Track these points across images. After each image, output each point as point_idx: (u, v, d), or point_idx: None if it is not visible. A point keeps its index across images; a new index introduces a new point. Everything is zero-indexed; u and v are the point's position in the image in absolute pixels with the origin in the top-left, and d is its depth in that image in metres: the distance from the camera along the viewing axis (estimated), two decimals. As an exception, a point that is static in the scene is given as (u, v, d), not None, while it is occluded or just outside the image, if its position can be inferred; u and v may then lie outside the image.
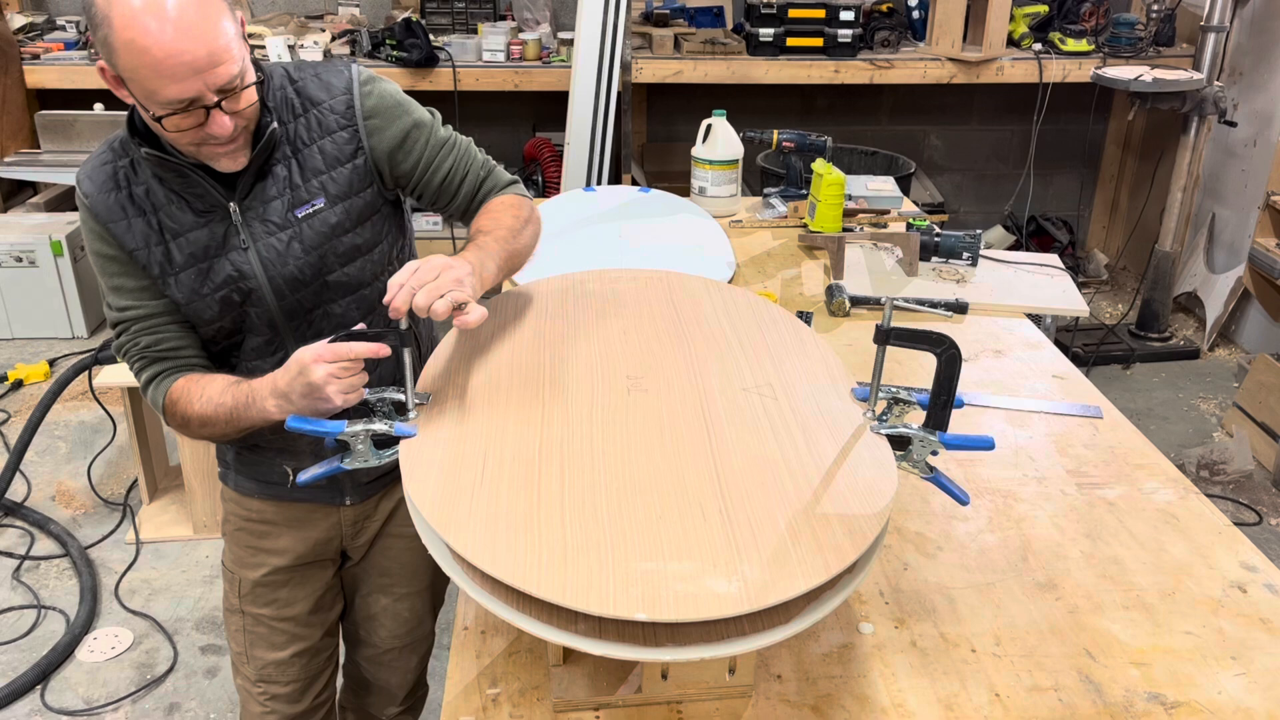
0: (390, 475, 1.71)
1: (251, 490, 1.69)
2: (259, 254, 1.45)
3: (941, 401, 1.28)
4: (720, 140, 2.88)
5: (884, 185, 3.01)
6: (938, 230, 2.54)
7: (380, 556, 1.79)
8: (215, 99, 1.29)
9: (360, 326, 1.35)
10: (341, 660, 1.96)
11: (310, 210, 1.47)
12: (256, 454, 1.65)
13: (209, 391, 1.44)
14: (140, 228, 1.42)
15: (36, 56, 4.56)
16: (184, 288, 1.45)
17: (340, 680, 1.98)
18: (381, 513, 1.76)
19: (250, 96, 1.35)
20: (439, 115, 1.61)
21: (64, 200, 4.86)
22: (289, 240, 1.46)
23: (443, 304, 1.26)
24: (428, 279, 1.28)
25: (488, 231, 1.50)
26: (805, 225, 2.76)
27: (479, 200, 1.61)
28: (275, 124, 1.43)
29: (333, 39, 4.48)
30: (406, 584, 1.82)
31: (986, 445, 1.28)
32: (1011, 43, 4.71)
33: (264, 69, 1.46)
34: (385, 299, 1.27)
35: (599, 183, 4.26)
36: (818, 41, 4.52)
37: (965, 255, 2.51)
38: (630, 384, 1.38)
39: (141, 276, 1.45)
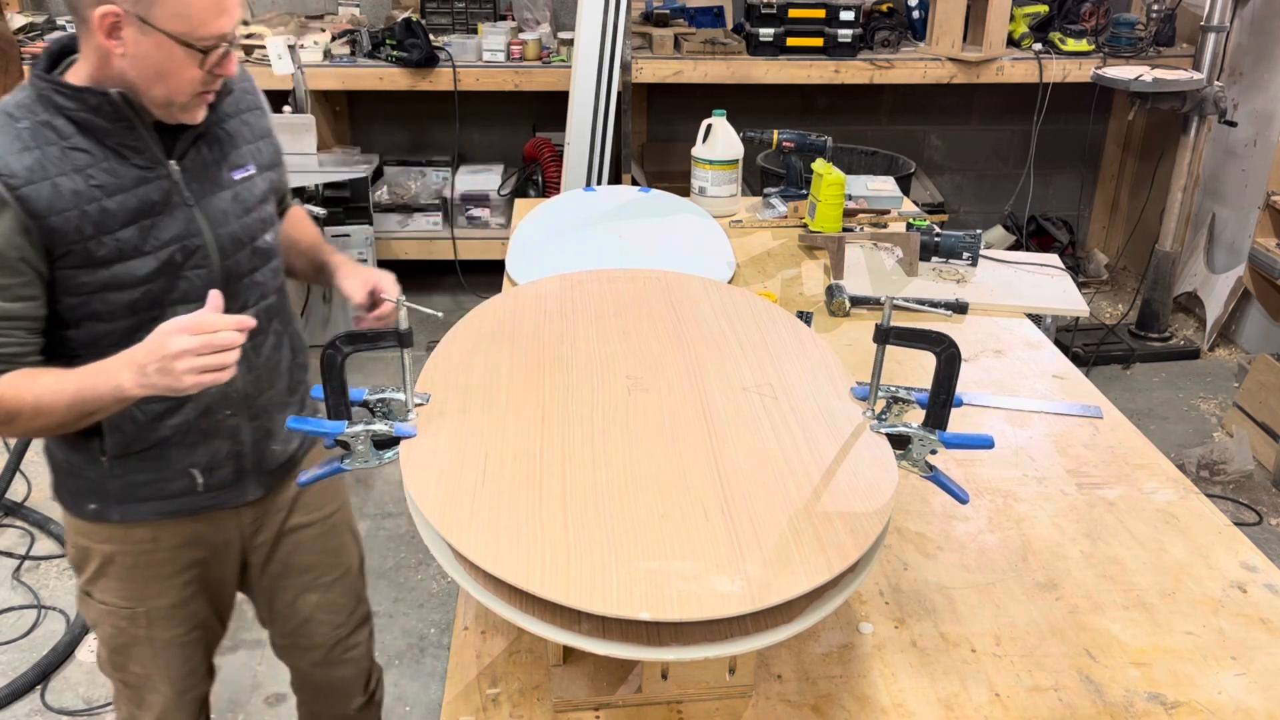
0: (289, 461, 1.68)
1: (145, 514, 1.57)
2: (204, 212, 1.48)
3: (941, 400, 1.29)
4: (720, 140, 2.88)
5: (884, 185, 3.01)
6: (938, 230, 2.54)
7: (298, 554, 1.75)
8: (231, 41, 1.39)
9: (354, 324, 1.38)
10: (290, 676, 1.93)
11: (245, 174, 1.55)
12: (154, 465, 1.54)
13: (45, 378, 1.36)
14: (68, 186, 1.35)
15: (37, 56, 4.56)
16: (123, 244, 1.40)
17: (295, 699, 1.96)
18: (282, 504, 1.71)
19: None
20: None
21: (64, 200, 4.85)
22: (230, 200, 1.52)
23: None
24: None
25: (320, 238, 1.80)
26: (805, 225, 2.76)
27: (281, 209, 1.76)
28: (230, 89, 1.53)
29: (333, 39, 4.48)
30: (334, 569, 1.78)
31: (986, 444, 1.29)
32: (1011, 43, 4.70)
33: None
34: (379, 312, 1.62)
35: (599, 183, 4.26)
36: (818, 41, 4.52)
37: (965, 255, 2.51)
38: (630, 384, 1.38)
39: (10, 275, 1.36)
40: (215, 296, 1.34)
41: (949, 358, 1.26)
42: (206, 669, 1.78)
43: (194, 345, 1.28)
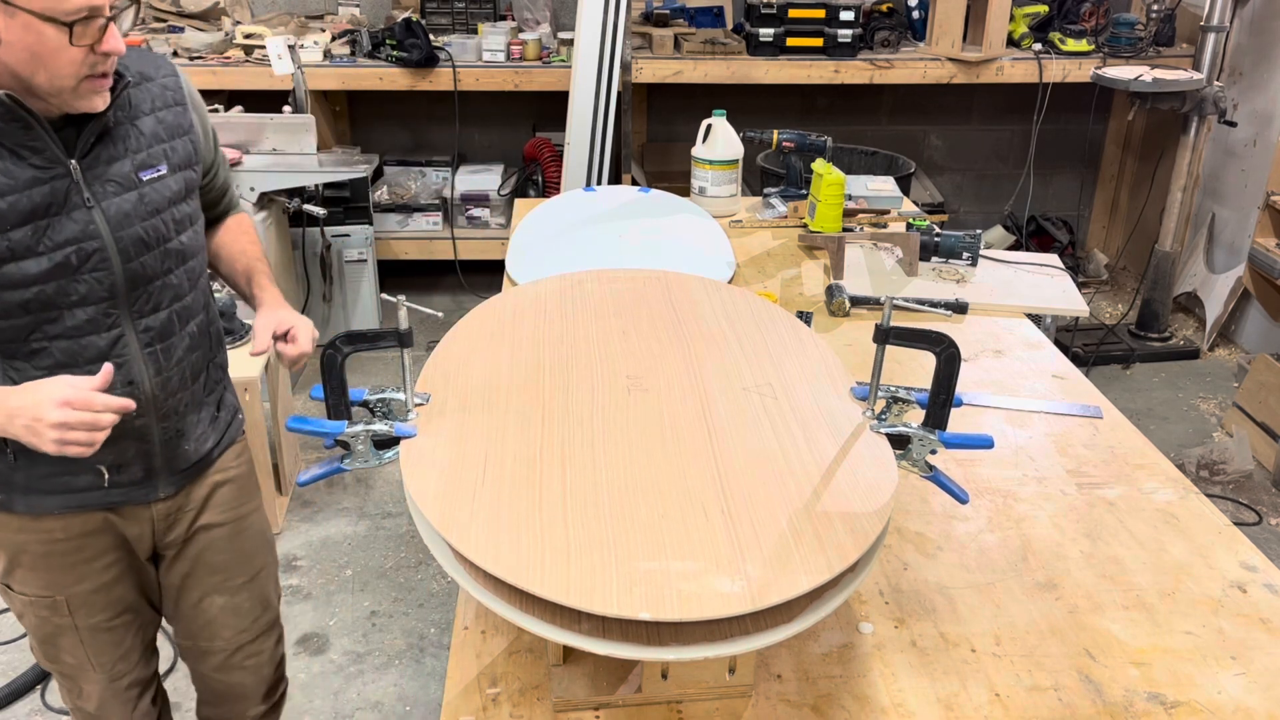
0: (203, 460, 1.67)
1: (51, 507, 1.55)
2: (104, 214, 1.44)
3: (941, 400, 1.29)
4: (720, 140, 2.88)
5: (884, 185, 3.02)
6: (938, 230, 2.54)
7: (207, 554, 1.72)
8: (109, 14, 1.34)
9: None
10: (191, 677, 1.90)
11: (154, 175, 1.50)
12: (60, 461, 1.49)
13: None
14: None
15: None
16: (15, 244, 1.37)
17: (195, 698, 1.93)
18: (194, 502, 1.68)
19: (127, 24, 1.39)
20: None
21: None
22: (135, 201, 1.47)
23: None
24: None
25: (261, 258, 1.76)
26: (805, 225, 2.76)
27: (223, 211, 1.77)
28: (128, 80, 1.47)
29: (333, 39, 4.48)
30: (241, 573, 1.76)
31: (985, 444, 1.29)
32: (1011, 43, 4.70)
33: None
34: (292, 361, 1.60)
35: (599, 183, 4.26)
36: (818, 41, 4.52)
37: (965, 255, 2.51)
38: (630, 384, 1.38)
39: None
40: (107, 370, 1.36)
41: (949, 358, 1.26)
42: (143, 654, 1.76)
43: (71, 420, 1.30)
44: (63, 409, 1.31)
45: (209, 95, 4.19)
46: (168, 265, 1.52)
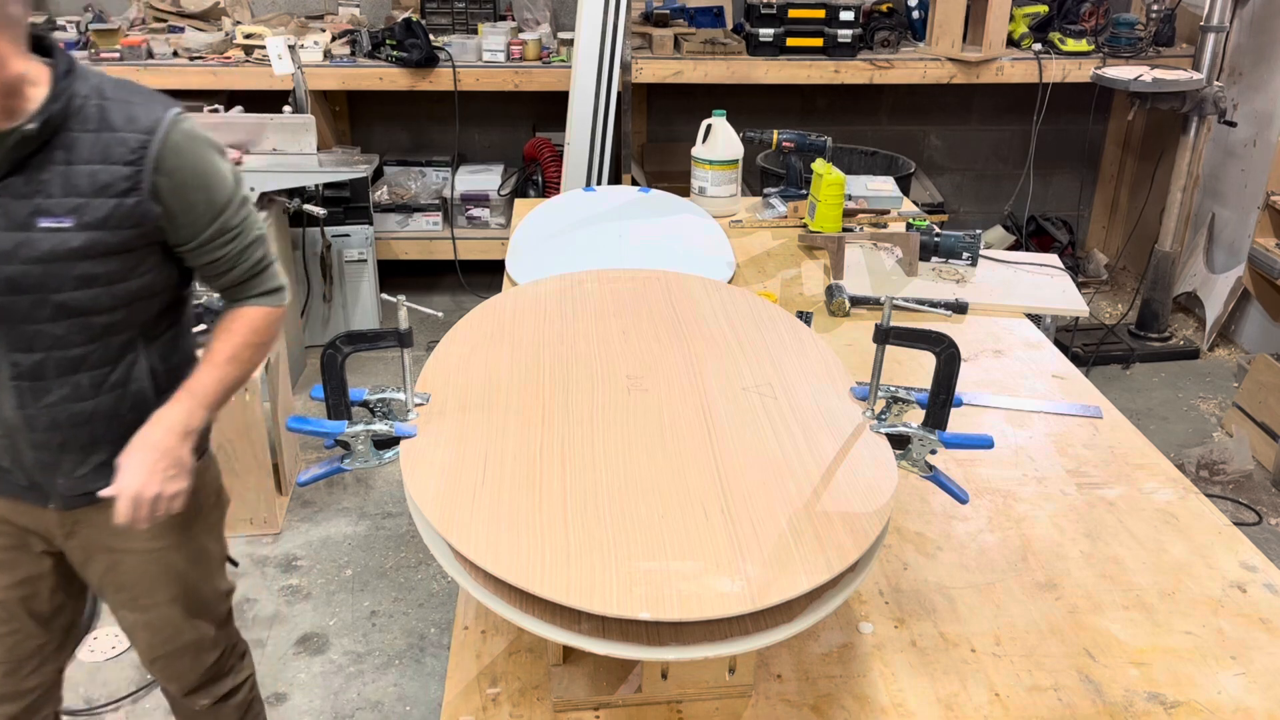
0: (99, 498, 1.55)
1: None
2: None
3: (940, 400, 1.29)
4: (720, 140, 2.88)
5: (884, 185, 3.02)
6: (938, 230, 2.54)
7: (114, 574, 1.68)
8: None
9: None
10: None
11: (54, 225, 1.40)
12: None
13: None
14: None
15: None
16: None
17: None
18: (98, 524, 1.62)
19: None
20: (246, 200, 1.56)
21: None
22: (18, 244, 1.39)
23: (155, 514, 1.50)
24: (151, 485, 1.47)
25: (218, 365, 1.56)
26: (805, 225, 2.77)
27: (234, 294, 1.60)
28: (36, 125, 1.36)
29: (333, 39, 4.47)
30: (149, 596, 1.71)
31: (985, 444, 1.29)
32: (1011, 43, 4.70)
33: (78, 71, 1.43)
34: (119, 518, 1.47)
35: (599, 183, 4.26)
36: (818, 41, 4.52)
37: (965, 255, 2.51)
38: (630, 384, 1.38)
39: None
40: None
41: (949, 358, 1.26)
42: (10, 669, 1.70)
43: None
44: None
45: (209, 96, 4.19)
46: (47, 314, 1.44)
